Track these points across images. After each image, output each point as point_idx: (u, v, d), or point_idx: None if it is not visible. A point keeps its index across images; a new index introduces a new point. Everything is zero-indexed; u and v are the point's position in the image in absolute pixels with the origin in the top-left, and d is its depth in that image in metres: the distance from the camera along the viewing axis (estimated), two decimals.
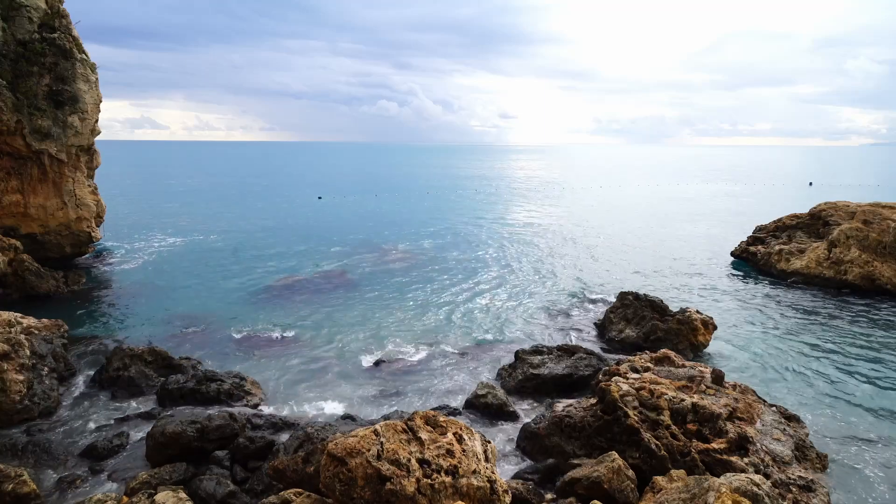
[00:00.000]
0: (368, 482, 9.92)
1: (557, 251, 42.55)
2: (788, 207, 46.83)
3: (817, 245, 33.17)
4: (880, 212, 31.81)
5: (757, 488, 10.17)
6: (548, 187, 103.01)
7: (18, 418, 16.09)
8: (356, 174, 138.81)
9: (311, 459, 11.90)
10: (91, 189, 35.32)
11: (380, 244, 44.67)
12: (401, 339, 23.63)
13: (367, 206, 70.00)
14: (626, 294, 24.89)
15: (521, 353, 20.45)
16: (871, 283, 30.05)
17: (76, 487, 13.44)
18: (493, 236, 48.98)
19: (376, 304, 28.43)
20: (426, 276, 34.42)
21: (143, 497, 11.81)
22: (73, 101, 31.77)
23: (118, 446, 14.91)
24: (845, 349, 22.60)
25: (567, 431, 14.31)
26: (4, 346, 16.92)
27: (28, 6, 30.53)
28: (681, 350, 21.01)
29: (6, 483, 12.10)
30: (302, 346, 22.82)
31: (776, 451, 13.03)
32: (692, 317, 22.70)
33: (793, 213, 38.92)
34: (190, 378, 18.29)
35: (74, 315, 25.57)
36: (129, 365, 19.23)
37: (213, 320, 25.79)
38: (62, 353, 19.75)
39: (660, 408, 13.69)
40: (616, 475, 11.87)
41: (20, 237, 30.85)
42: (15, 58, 29.84)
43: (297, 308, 27.76)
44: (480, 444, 11.41)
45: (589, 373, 19.05)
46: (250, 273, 34.91)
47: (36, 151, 30.96)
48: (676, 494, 10.57)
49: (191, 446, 14.34)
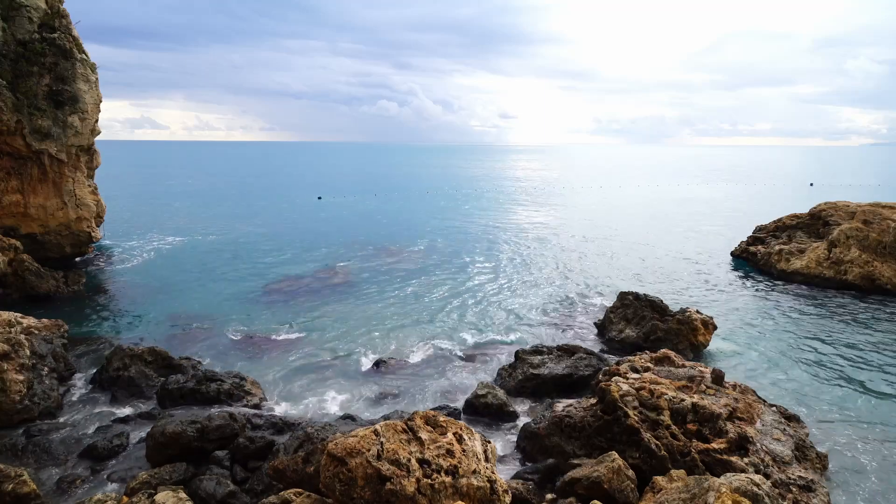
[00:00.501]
0: (368, 482, 9.92)
1: (557, 251, 42.56)
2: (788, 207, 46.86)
3: (817, 245, 33.17)
4: (880, 212, 31.82)
5: (757, 488, 10.17)
6: (547, 187, 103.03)
7: (18, 418, 16.09)
8: (356, 174, 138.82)
9: (311, 459, 11.90)
10: (91, 189, 35.32)
11: (379, 244, 44.67)
12: (401, 340, 23.63)
13: (367, 206, 70.01)
14: (626, 294, 24.89)
15: (521, 353, 20.45)
16: (871, 283, 30.05)
17: (76, 487, 13.44)
18: (492, 236, 48.97)
19: (376, 304, 28.43)
20: (426, 277, 34.42)
21: (143, 497, 11.81)
22: (73, 101, 31.77)
23: (118, 446, 14.91)
24: (845, 349, 22.60)
25: (567, 431, 14.30)
26: (4, 346, 16.92)
27: (28, 6, 30.53)
28: (681, 350, 21.01)
29: (6, 483, 12.10)
30: (302, 345, 22.82)
31: (776, 451, 13.03)
32: (692, 317, 22.70)
33: (793, 213, 38.93)
34: (190, 378, 18.28)
35: (74, 315, 25.56)
36: (129, 365, 19.23)
37: (213, 320, 25.80)
38: (62, 353, 19.75)
39: (660, 408, 13.69)
40: (616, 475, 11.87)
41: (20, 237, 30.86)
42: (15, 58, 29.84)
43: (297, 308, 27.76)
44: (480, 444, 11.41)
45: (589, 373, 19.05)
46: (250, 273, 34.92)
47: (36, 151, 30.96)
48: (676, 494, 10.57)
49: (191, 446, 14.34)
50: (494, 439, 15.16)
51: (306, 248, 43.02)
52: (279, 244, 44.23)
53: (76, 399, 18.10)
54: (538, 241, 46.89)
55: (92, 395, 18.31)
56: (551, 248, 43.90)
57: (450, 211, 66.81)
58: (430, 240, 46.95)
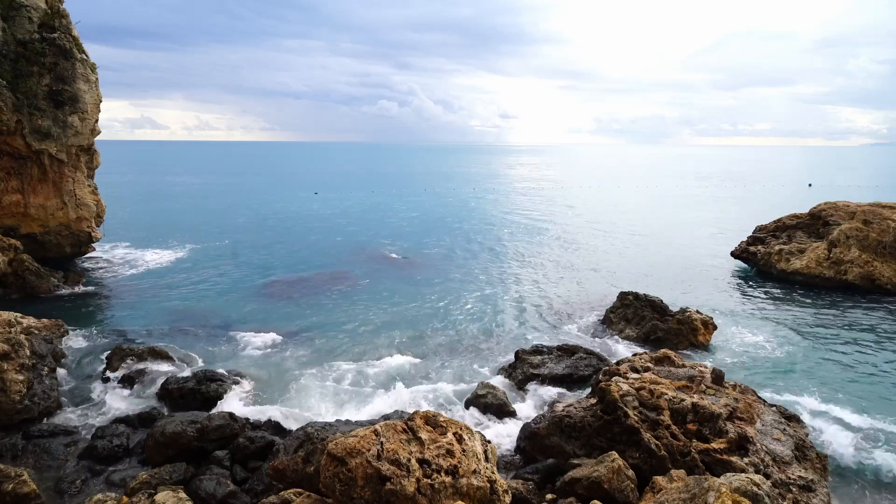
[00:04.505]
0: (368, 482, 9.92)
1: (557, 251, 42.55)
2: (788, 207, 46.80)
3: (817, 245, 33.15)
4: (880, 212, 31.81)
5: (757, 488, 10.17)
6: (547, 187, 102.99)
7: (18, 418, 16.08)
8: (356, 174, 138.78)
9: (311, 459, 11.90)
10: (91, 189, 35.31)
11: (380, 244, 44.67)
12: (401, 339, 23.61)
13: (367, 206, 70.01)
14: (626, 294, 24.89)
15: (521, 353, 20.45)
16: (871, 283, 30.05)
17: (76, 488, 13.43)
18: (492, 236, 48.96)
19: (376, 304, 28.41)
20: (426, 276, 34.41)
21: (143, 497, 11.81)
22: (73, 101, 31.75)
23: (118, 446, 14.89)
24: (845, 349, 22.60)
25: (567, 431, 14.30)
26: (4, 346, 16.92)
27: (28, 6, 30.51)
28: (681, 350, 21.01)
29: (6, 483, 12.09)
30: (302, 345, 22.81)
31: (776, 451, 13.02)
32: (692, 317, 22.70)
33: (793, 213, 38.87)
34: (190, 378, 18.29)
35: (74, 315, 25.55)
36: (129, 365, 19.22)
37: (214, 320, 25.79)
38: (62, 352, 19.75)
39: (660, 408, 13.69)
40: (616, 475, 11.87)
41: (20, 237, 30.85)
42: (15, 58, 29.83)
43: (297, 307, 27.76)
44: (480, 444, 11.41)
45: (589, 373, 19.05)
46: (251, 272, 34.92)
47: (36, 151, 30.95)
48: (676, 494, 10.57)
49: (191, 446, 14.34)
50: (494, 439, 15.15)
51: (307, 247, 43.01)
52: (279, 244, 44.22)
53: (76, 399, 18.09)
54: (538, 240, 46.88)
55: (92, 396, 18.30)
56: (551, 247, 43.88)
57: (449, 211, 66.79)
58: (429, 239, 46.94)
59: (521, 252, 42.16)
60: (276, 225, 54.27)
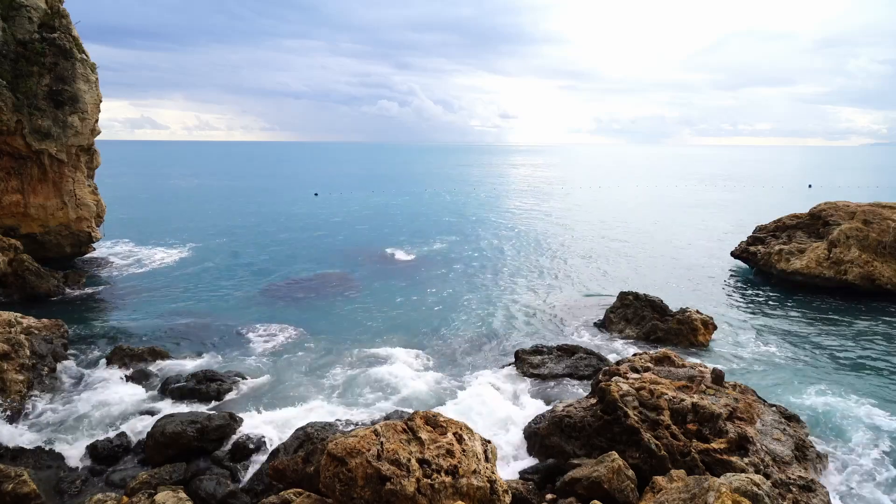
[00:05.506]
0: (368, 482, 9.92)
1: (557, 251, 42.55)
2: (788, 207, 46.78)
3: (817, 245, 33.13)
4: (880, 212, 31.79)
5: (757, 488, 10.17)
6: (547, 187, 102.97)
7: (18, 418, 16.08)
8: (356, 174, 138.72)
9: (311, 459, 11.90)
10: (91, 189, 35.32)
11: (380, 244, 44.64)
12: (400, 339, 23.60)
13: (367, 206, 69.98)
14: (626, 294, 24.88)
15: (521, 353, 20.45)
16: (871, 283, 30.03)
17: (76, 487, 13.44)
18: (491, 236, 48.95)
19: (376, 304, 28.41)
20: (425, 276, 34.41)
21: (143, 497, 11.81)
22: (73, 101, 31.76)
23: (118, 446, 14.89)
24: (845, 349, 22.59)
25: (567, 431, 14.30)
26: (4, 346, 16.92)
27: (28, 6, 30.53)
28: (680, 350, 21.01)
29: (6, 483, 12.10)
30: (302, 345, 22.81)
31: (776, 451, 13.02)
32: (692, 317, 22.70)
33: (793, 213, 38.85)
34: (190, 378, 18.29)
35: (74, 315, 25.56)
36: (129, 365, 19.22)
37: (214, 320, 25.79)
38: (62, 352, 19.75)
39: (660, 408, 13.69)
40: (616, 475, 11.87)
41: (20, 237, 30.86)
42: (15, 58, 29.84)
43: (297, 308, 27.77)
44: (480, 444, 11.41)
45: (589, 373, 19.04)
46: (251, 272, 34.92)
47: (36, 151, 30.96)
48: (676, 494, 10.57)
49: (191, 446, 14.35)
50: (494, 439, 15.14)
51: (307, 247, 43.01)
52: (279, 244, 44.22)
53: (76, 399, 18.07)
54: (538, 240, 46.86)
55: (92, 395, 18.28)
56: (551, 247, 43.87)
57: (449, 210, 66.79)
58: (429, 239, 46.93)
59: (522, 252, 42.16)
60: (276, 225, 54.26)
